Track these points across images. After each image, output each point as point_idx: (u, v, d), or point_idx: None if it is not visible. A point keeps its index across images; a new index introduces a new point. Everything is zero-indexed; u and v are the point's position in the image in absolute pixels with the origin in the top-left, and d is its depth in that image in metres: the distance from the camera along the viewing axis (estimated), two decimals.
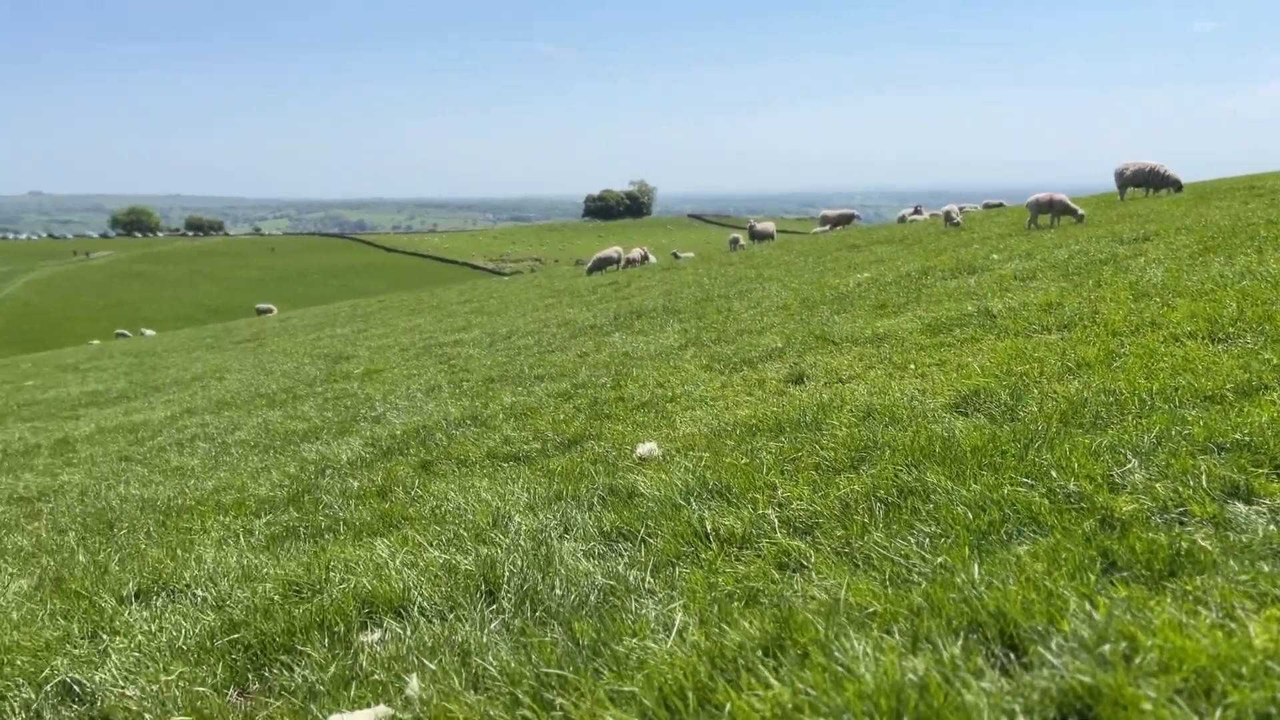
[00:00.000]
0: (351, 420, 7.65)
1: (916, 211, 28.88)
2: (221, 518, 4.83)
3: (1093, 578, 2.38)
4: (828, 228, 30.17)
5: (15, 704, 2.74)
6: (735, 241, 30.22)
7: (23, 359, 37.00)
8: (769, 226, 30.64)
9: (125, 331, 48.90)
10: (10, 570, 4.31)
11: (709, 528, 3.15)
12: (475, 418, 6.48)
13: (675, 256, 32.16)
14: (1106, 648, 2.02)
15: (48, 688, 2.79)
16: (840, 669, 2.09)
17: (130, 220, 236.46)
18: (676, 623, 2.48)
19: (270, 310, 42.28)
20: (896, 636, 2.24)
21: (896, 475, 3.38)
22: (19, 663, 3.02)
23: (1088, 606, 2.22)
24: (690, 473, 3.86)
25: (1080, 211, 14.94)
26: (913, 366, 5.45)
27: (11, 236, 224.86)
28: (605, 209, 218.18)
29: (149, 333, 45.64)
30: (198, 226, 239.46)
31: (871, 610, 2.40)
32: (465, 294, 29.16)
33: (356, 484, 5.01)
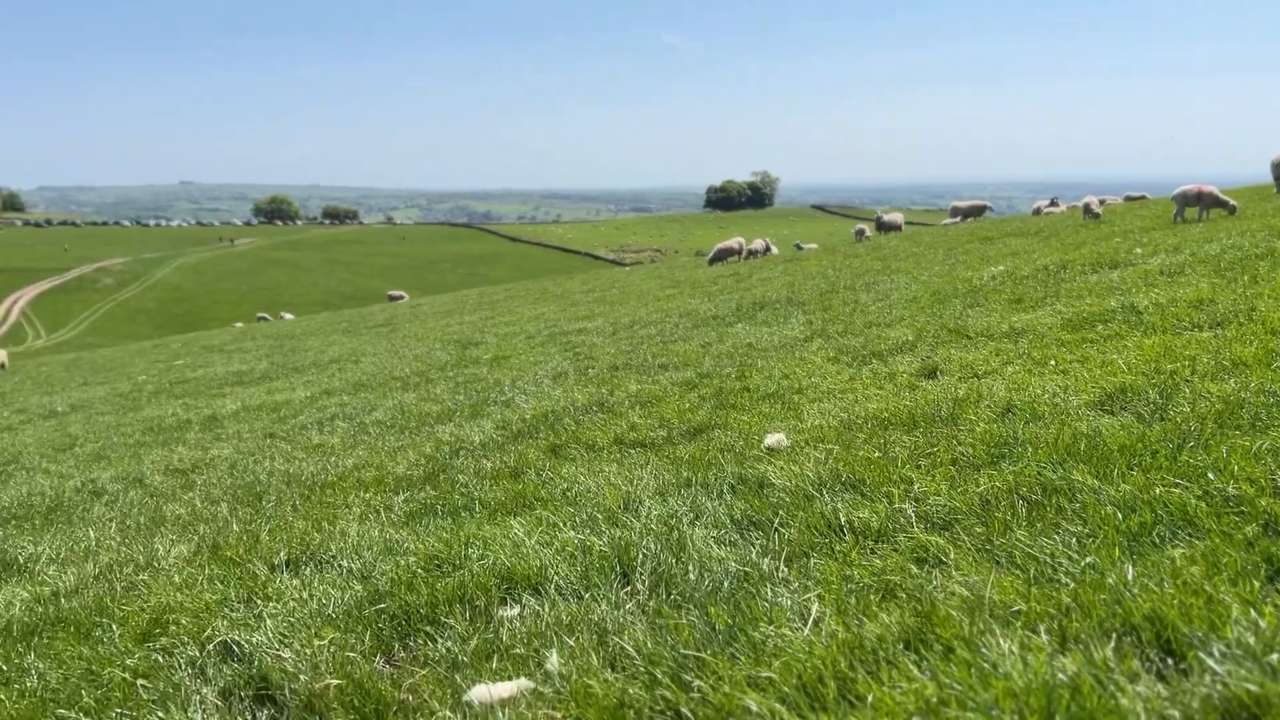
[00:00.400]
0: (482, 404, 7.84)
1: (1053, 203, 27.78)
2: (362, 494, 5.03)
3: (1256, 584, 2.27)
4: (958, 219, 29.31)
5: (182, 660, 2.92)
6: (861, 233, 29.69)
7: (173, 339, 39.23)
8: (897, 218, 30.01)
9: (266, 315, 51.26)
10: (170, 536, 4.58)
11: (843, 520, 3.12)
12: (602, 404, 6.56)
13: (798, 248, 31.84)
14: (1275, 656, 1.92)
15: (210, 647, 2.97)
16: (986, 665, 2.04)
17: (271, 209, 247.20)
18: (813, 612, 2.46)
19: (402, 297, 43.66)
20: (1044, 636, 2.18)
21: (1039, 473, 3.28)
22: (183, 622, 3.22)
23: (1252, 613, 2.11)
24: (821, 464, 3.83)
25: (1232, 204, 14.13)
26: (1053, 362, 5.26)
27: (164, 224, 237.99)
28: (726, 200, 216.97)
29: (288, 316, 47.71)
30: (334, 215, 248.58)
31: (1016, 608, 2.34)
32: (588, 283, 29.51)
33: (490, 465, 5.14)
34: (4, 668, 3.09)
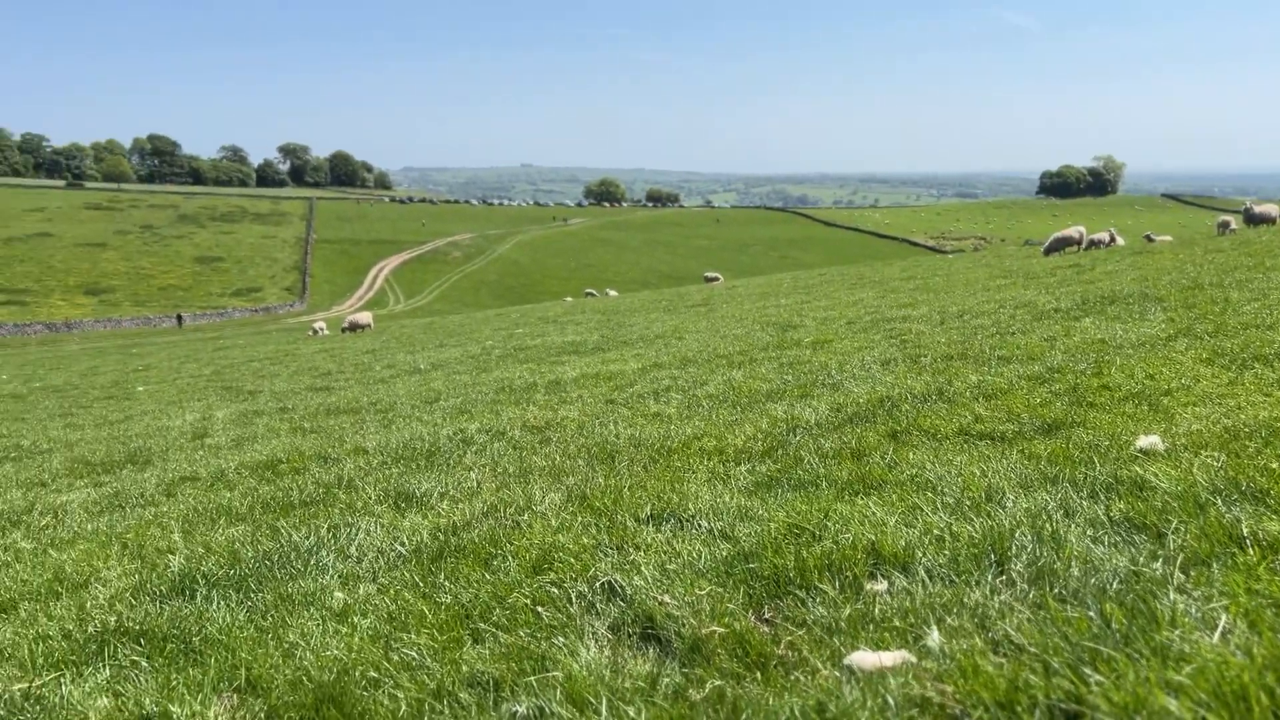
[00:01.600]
0: (810, 385, 7.91)
1: None
2: (704, 461, 5.26)
3: None
4: None
5: (572, 594, 3.23)
6: (1225, 225, 26.64)
7: (511, 310, 42.59)
8: (1270, 210, 26.62)
9: (593, 291, 54.31)
10: (541, 484, 5.04)
11: (1245, 531, 2.87)
12: (940, 393, 6.41)
13: (1148, 239, 29.11)
14: None
15: (597, 585, 3.26)
16: None
17: (601, 191, 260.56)
18: (1221, 623, 2.30)
19: (717, 279, 44.63)
20: None
21: None
22: (567, 561, 3.55)
23: None
24: (1211, 471, 3.53)
25: None
26: None
27: (505, 203, 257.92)
28: (1063, 186, 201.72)
29: (612, 293, 50.25)
30: (657, 198, 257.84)
31: None
32: (907, 270, 28.67)
33: (829, 444, 5.19)
34: (421, 584, 3.57)
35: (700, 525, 3.83)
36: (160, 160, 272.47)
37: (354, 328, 35.44)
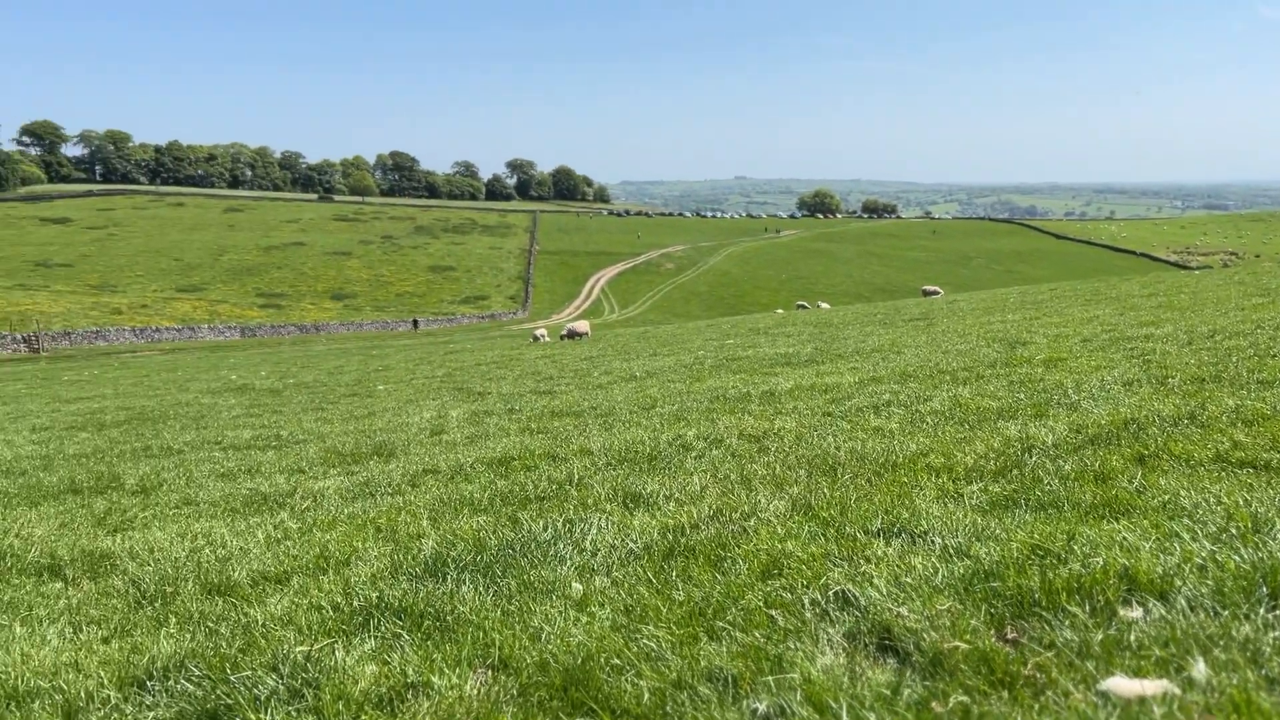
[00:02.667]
0: (1044, 404, 7.55)
1: None
2: (932, 478, 5.14)
3: None
4: None
5: (805, 600, 3.27)
6: None
7: (722, 320, 42.85)
8: None
9: (804, 303, 53.81)
10: (765, 492, 5.09)
11: None
12: (1192, 417, 5.98)
13: None
14: None
15: (830, 593, 3.28)
16: None
17: (814, 202, 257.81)
18: None
19: (936, 292, 43.18)
20: None
21: None
22: (798, 568, 3.59)
23: None
24: None
25: None
26: None
27: (718, 215, 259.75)
28: None
29: (824, 306, 49.62)
30: (873, 209, 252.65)
31: None
32: (1148, 286, 26.75)
33: (1068, 466, 4.96)
34: (654, 580, 3.70)
35: (933, 541, 3.75)
36: (400, 175, 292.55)
37: (571, 335, 36.73)
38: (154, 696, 3.19)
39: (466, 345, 43.16)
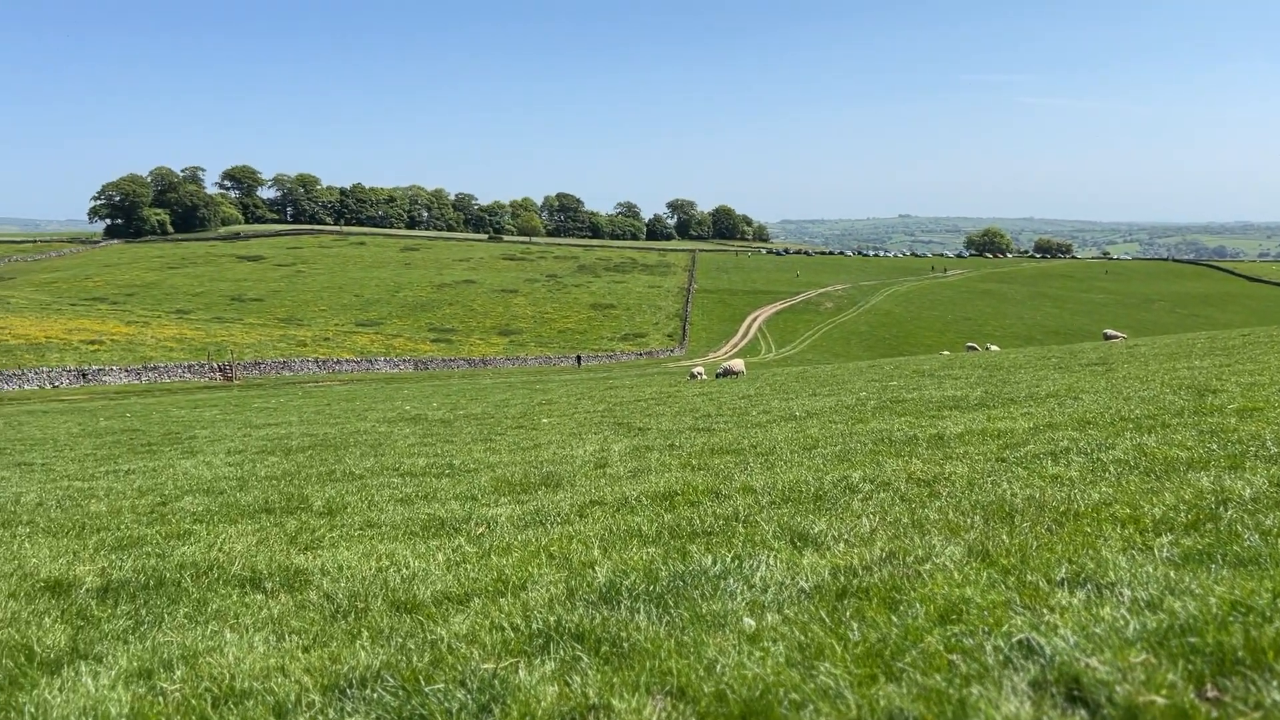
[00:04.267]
0: (1240, 456, 7.11)
1: None
2: (1118, 529, 4.92)
3: None
4: None
5: (987, 646, 3.20)
6: None
7: (884, 361, 41.99)
8: None
9: (974, 345, 52.15)
10: (939, 537, 5.00)
11: None
12: None
13: None
14: None
15: (1012, 640, 3.20)
16: None
17: (983, 241, 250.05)
18: None
19: (1119, 337, 41.06)
20: None
21: None
22: (977, 614, 3.51)
23: None
24: None
25: None
26: None
27: (880, 254, 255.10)
28: None
29: (993, 348, 47.94)
30: (1046, 249, 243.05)
31: None
32: None
33: (1269, 521, 4.66)
34: (827, 620, 3.70)
35: (1121, 593, 3.60)
36: (565, 215, 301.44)
37: (726, 374, 36.75)
38: (353, 703, 3.41)
39: (625, 381, 43.83)
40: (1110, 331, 44.53)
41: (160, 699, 3.64)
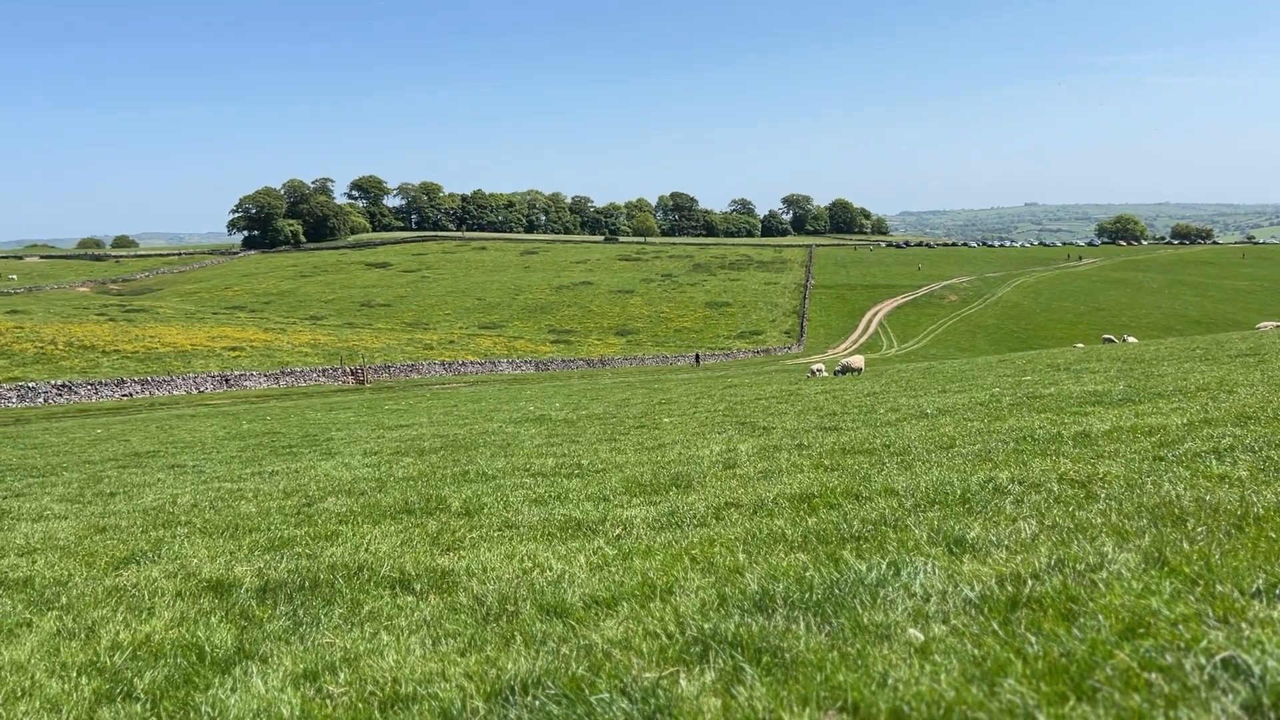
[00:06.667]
0: None
1: None
2: None
3: None
4: None
5: (1186, 664, 2.98)
6: None
7: (1015, 355, 40.54)
8: None
9: (1111, 337, 49.98)
10: (1109, 542, 4.72)
11: None
12: None
13: None
14: None
15: (1214, 659, 2.97)
16: None
17: (1115, 228, 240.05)
18: None
19: (1269, 326, 38.69)
20: None
21: None
22: (1167, 628, 3.28)
23: None
24: None
25: None
26: None
27: (1006, 244, 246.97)
28: None
29: (1131, 339, 45.82)
30: (1183, 235, 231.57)
31: None
32: None
33: None
34: (1000, 632, 3.52)
35: None
36: (680, 215, 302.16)
37: (846, 370, 36.08)
38: (517, 711, 3.41)
39: (744, 380, 43.52)
40: (1267, 323, 42.02)
41: (328, 702, 3.72)
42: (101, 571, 7.22)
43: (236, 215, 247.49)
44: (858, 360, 37.67)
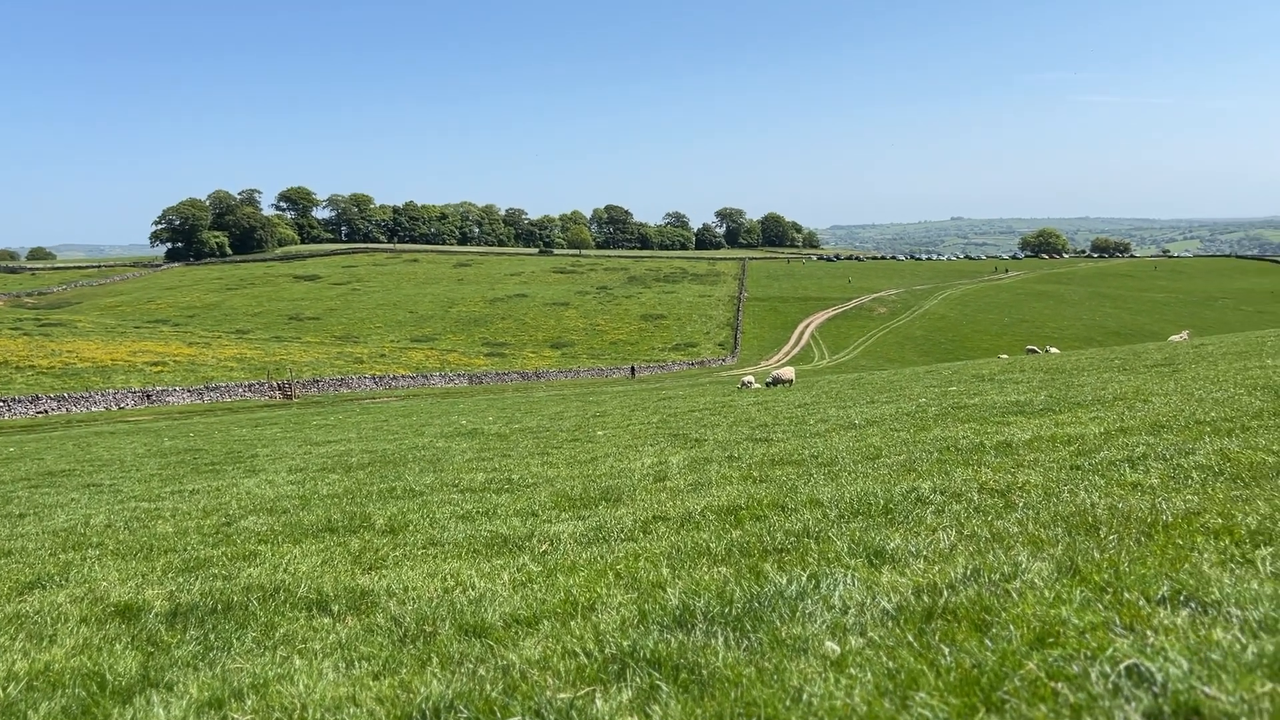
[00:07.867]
0: None
1: None
2: (1211, 541, 4.69)
3: None
4: None
5: (1091, 673, 3.02)
6: None
7: (942, 366, 41.32)
8: None
9: (1035, 348, 51.23)
10: (1023, 552, 4.80)
11: None
12: None
13: None
14: None
15: (1118, 667, 3.02)
16: None
17: (1038, 242, 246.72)
18: None
19: (1183, 337, 40.04)
20: None
21: None
22: (1075, 637, 3.33)
23: None
24: None
25: None
26: None
27: (934, 257, 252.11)
28: None
29: (1053, 350, 47.03)
30: (1103, 248, 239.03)
31: None
32: None
33: None
34: (915, 644, 3.54)
35: (1230, 613, 3.39)
36: (615, 228, 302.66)
37: (777, 382, 36.40)
38: None
39: (678, 391, 43.64)
40: (1178, 335, 43.47)
41: None
42: (3, 598, 6.92)
43: (160, 227, 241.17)
44: (788, 372, 38.02)
